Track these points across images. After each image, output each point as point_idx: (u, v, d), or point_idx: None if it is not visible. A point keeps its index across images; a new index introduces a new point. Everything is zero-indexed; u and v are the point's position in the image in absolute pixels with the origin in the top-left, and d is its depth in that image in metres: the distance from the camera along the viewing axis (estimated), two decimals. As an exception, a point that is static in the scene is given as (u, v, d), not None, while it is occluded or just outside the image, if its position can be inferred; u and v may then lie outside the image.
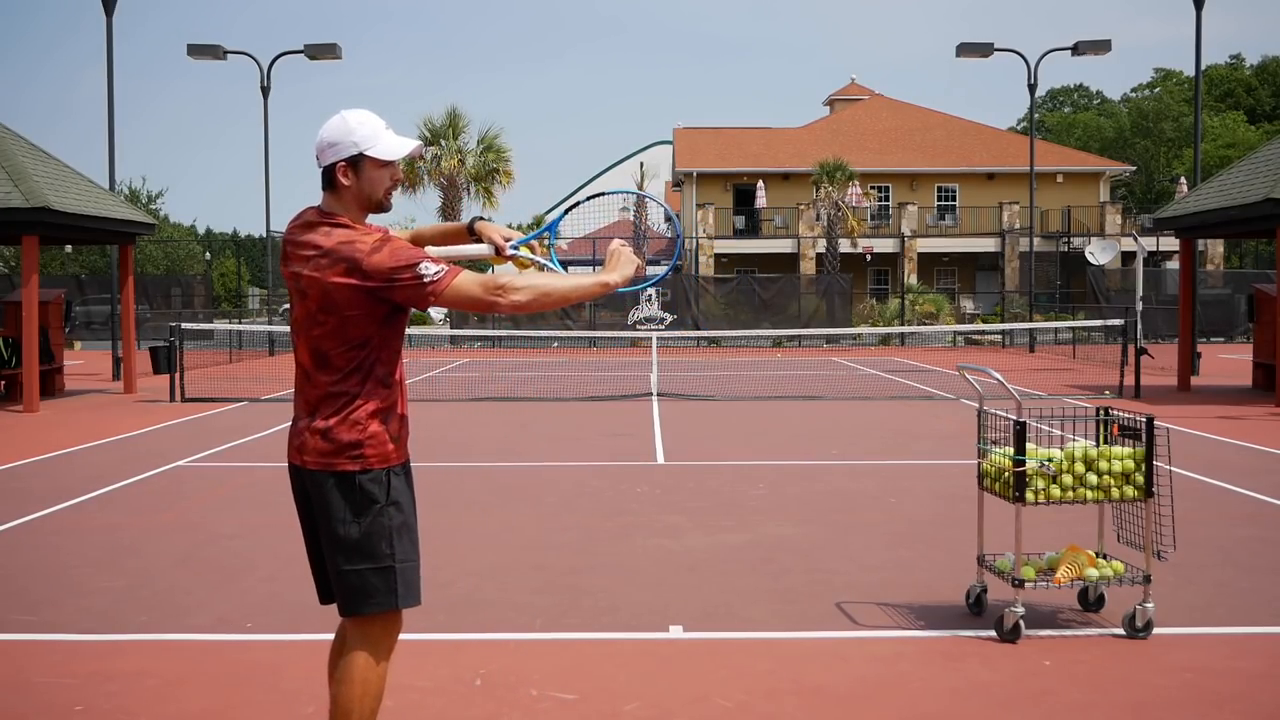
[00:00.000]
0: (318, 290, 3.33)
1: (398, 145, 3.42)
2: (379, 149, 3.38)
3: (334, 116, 3.42)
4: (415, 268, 3.27)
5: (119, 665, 5.10)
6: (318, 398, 3.41)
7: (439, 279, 3.27)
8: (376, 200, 3.44)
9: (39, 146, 17.94)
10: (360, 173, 3.39)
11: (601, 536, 7.71)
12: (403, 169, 3.73)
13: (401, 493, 3.46)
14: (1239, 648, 5.32)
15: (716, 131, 51.89)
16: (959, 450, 10.99)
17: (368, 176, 3.39)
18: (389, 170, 3.43)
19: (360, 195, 3.41)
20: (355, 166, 3.38)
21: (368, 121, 3.39)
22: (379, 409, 3.41)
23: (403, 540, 3.43)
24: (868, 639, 5.45)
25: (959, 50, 30.77)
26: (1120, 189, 62.21)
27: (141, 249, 51.32)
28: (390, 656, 3.52)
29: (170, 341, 18.12)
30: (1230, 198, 17.02)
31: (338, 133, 3.37)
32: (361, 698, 3.43)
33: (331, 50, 29.99)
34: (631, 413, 15.40)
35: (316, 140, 3.41)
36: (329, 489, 3.38)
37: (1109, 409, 5.72)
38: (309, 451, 3.41)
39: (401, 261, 3.27)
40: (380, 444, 3.40)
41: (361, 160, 3.38)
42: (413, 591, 3.46)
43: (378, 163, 3.40)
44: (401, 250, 3.30)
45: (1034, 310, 35.81)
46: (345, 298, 3.30)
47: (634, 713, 4.53)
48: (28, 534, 7.91)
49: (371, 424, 3.39)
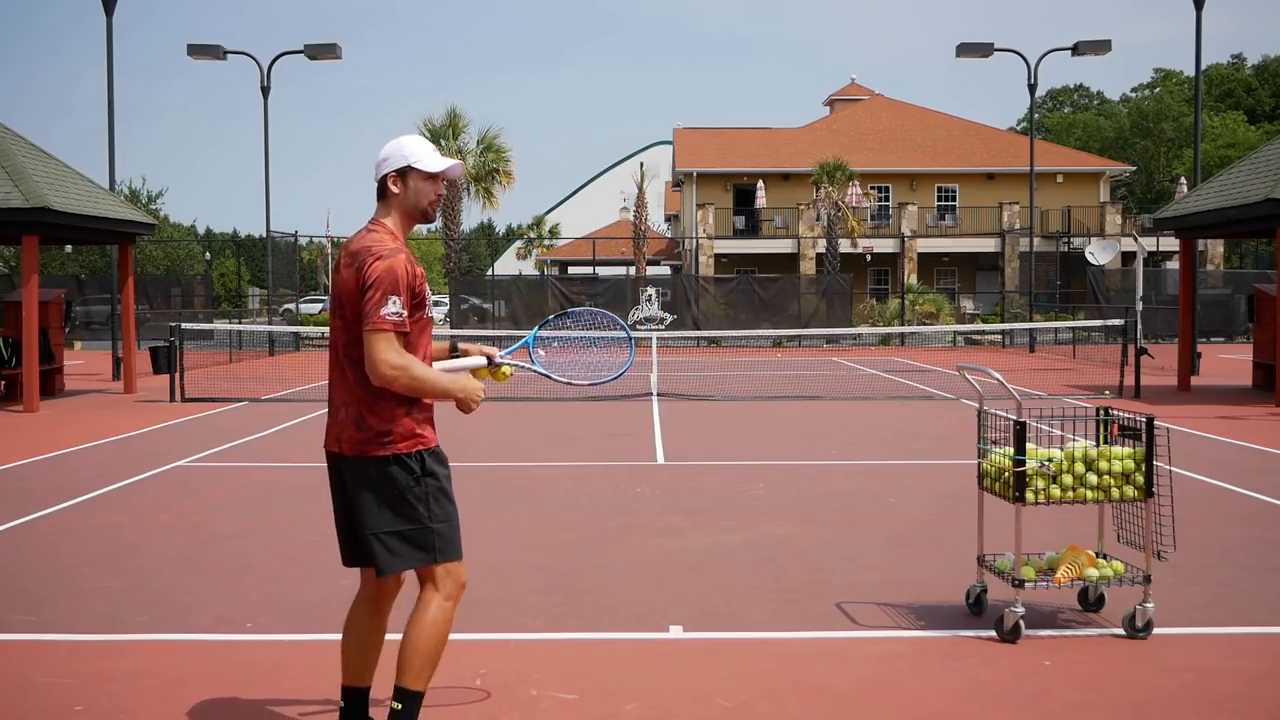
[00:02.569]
0: (341, 287, 3.83)
1: (439, 160, 3.92)
2: (424, 162, 3.88)
3: (390, 141, 3.95)
4: (387, 296, 3.69)
5: (119, 665, 5.10)
6: (348, 389, 3.84)
7: (385, 319, 3.68)
8: (421, 209, 3.92)
9: (39, 146, 17.94)
10: (408, 183, 3.89)
11: (601, 536, 7.71)
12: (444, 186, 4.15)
13: (434, 467, 3.87)
14: (1239, 648, 5.32)
15: (716, 131, 51.88)
16: (959, 450, 10.99)
17: (414, 187, 3.90)
18: (433, 185, 3.92)
19: (407, 203, 3.90)
20: (404, 177, 3.89)
21: (418, 142, 3.94)
22: (404, 400, 3.79)
23: (440, 503, 3.86)
24: (868, 639, 5.45)
25: (959, 50, 30.78)
26: (1120, 189, 62.22)
27: (141, 249, 51.31)
28: (458, 599, 3.93)
29: (170, 341, 18.12)
30: (1230, 198, 17.02)
31: (391, 150, 3.91)
32: (435, 639, 3.85)
33: (331, 50, 29.99)
34: (631, 413, 15.40)
35: (375, 160, 3.95)
36: (366, 471, 3.80)
37: (1109, 409, 5.72)
38: (345, 440, 3.84)
39: (384, 283, 3.70)
40: (408, 431, 3.80)
41: (409, 172, 3.89)
42: (452, 547, 3.87)
43: (423, 175, 3.90)
44: (395, 273, 3.71)
45: (1034, 310, 35.82)
46: (353, 294, 3.78)
47: (634, 713, 4.53)
48: (28, 534, 7.91)
49: (398, 412, 3.79)
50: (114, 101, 22.37)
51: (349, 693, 4.07)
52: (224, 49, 29.07)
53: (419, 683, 3.86)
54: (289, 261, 37.17)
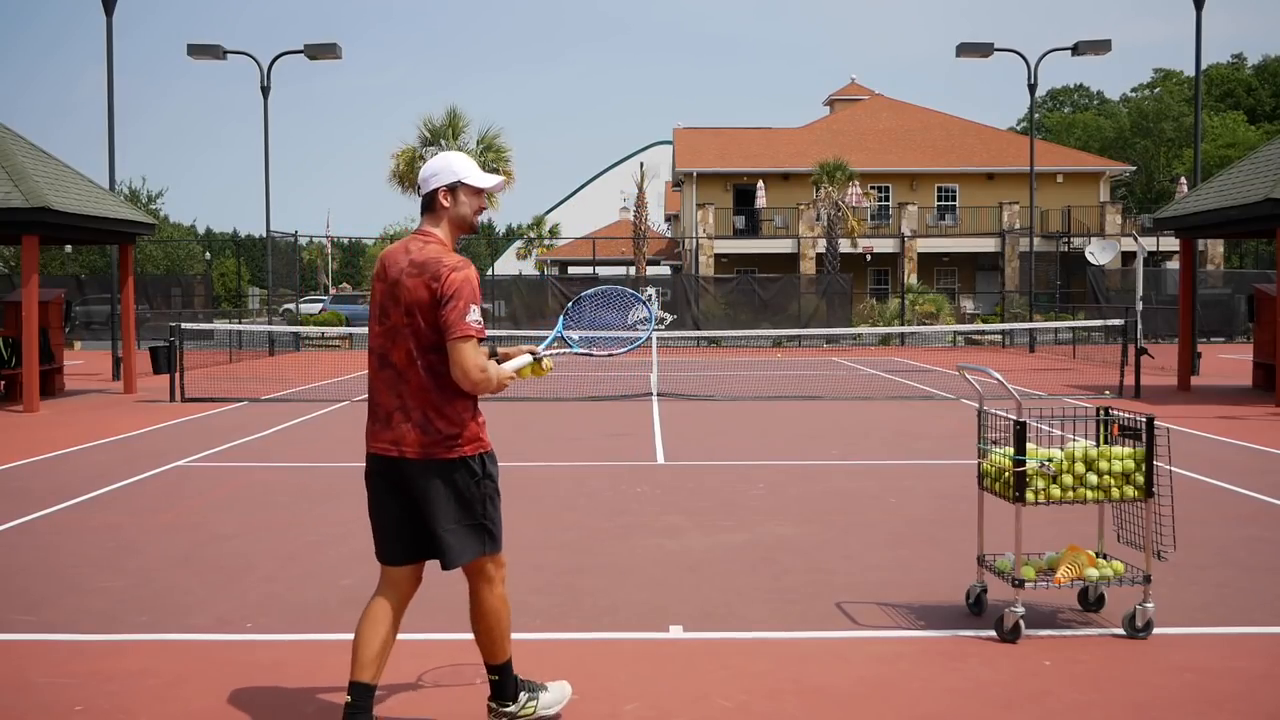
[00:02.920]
0: (408, 297, 4.01)
1: (486, 177, 4.20)
2: (473, 179, 4.15)
3: (436, 156, 4.25)
4: (470, 305, 3.96)
5: (119, 665, 5.10)
6: (413, 393, 4.03)
7: (471, 326, 3.94)
8: (469, 222, 4.19)
9: (39, 146, 17.94)
10: (457, 197, 4.15)
11: (601, 536, 7.71)
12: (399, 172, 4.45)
13: (491, 469, 4.16)
14: (1239, 648, 5.32)
15: (716, 131, 51.89)
16: (959, 450, 10.99)
17: (463, 201, 4.15)
18: (479, 198, 4.19)
19: (456, 216, 4.16)
20: (453, 192, 4.14)
21: (465, 159, 4.22)
22: (470, 404, 4.08)
23: (493, 506, 4.17)
24: (868, 639, 5.45)
25: (959, 50, 30.78)
26: (1120, 189, 62.21)
27: (141, 249, 51.31)
28: (503, 580, 4.27)
29: (170, 341, 18.12)
30: (1230, 198, 17.02)
31: (440, 165, 4.17)
32: (501, 618, 4.22)
33: (331, 50, 29.99)
34: (631, 413, 15.40)
35: (420, 174, 4.21)
36: (432, 473, 4.02)
37: (1109, 409, 5.72)
38: (409, 444, 4.02)
39: (465, 293, 3.96)
40: (473, 435, 4.07)
41: (459, 187, 4.14)
42: (498, 541, 4.20)
43: (471, 189, 4.16)
44: (472, 285, 3.99)
45: (1034, 310, 35.81)
46: (424, 304, 3.98)
47: (634, 713, 4.53)
48: (28, 534, 7.91)
49: (465, 417, 4.06)
50: (114, 101, 22.39)
51: (358, 688, 4.11)
52: (224, 49, 29.07)
53: (502, 655, 4.27)
54: (289, 261, 37.16)
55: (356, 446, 12.64)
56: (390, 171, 36.92)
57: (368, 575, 6.64)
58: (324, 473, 10.72)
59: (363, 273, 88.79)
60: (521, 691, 4.34)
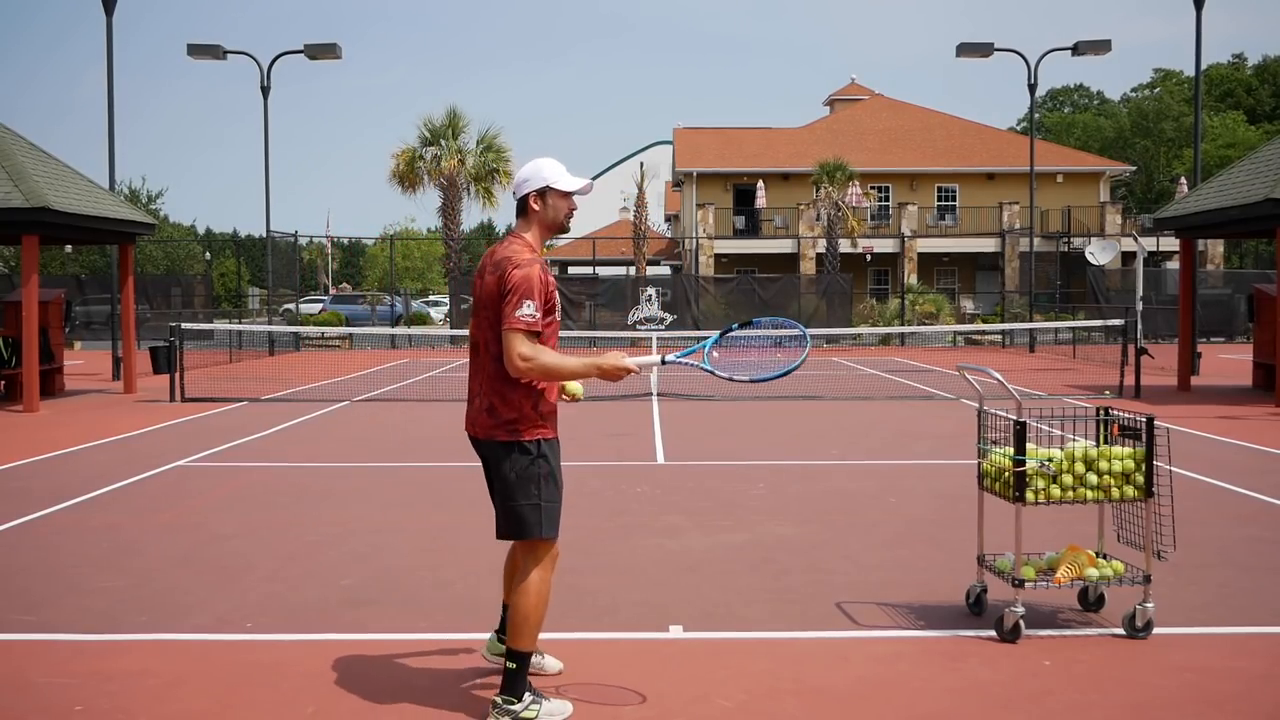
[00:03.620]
0: (486, 291, 4.41)
1: (574, 181, 4.52)
2: (562, 183, 4.49)
3: (529, 163, 4.54)
4: (523, 300, 4.26)
5: (119, 665, 5.10)
6: (484, 380, 4.44)
7: (520, 319, 4.25)
8: (559, 223, 4.54)
9: (39, 146, 17.94)
10: (547, 201, 4.49)
11: (601, 536, 7.71)
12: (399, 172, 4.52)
13: (549, 453, 4.42)
14: (1239, 648, 5.32)
15: (716, 131, 51.89)
16: (959, 450, 10.99)
17: (552, 204, 4.50)
18: (568, 201, 4.53)
19: (545, 218, 4.51)
20: (543, 196, 4.48)
21: (553, 164, 4.52)
22: (530, 393, 4.38)
23: (549, 486, 4.41)
24: (868, 639, 5.45)
25: (959, 50, 30.78)
26: (1120, 189, 62.20)
27: (141, 249, 51.31)
28: (552, 569, 4.51)
29: (170, 341, 18.12)
30: (1230, 198, 17.02)
31: (531, 172, 4.49)
32: (535, 605, 4.39)
33: (331, 50, 29.99)
34: (631, 413, 15.40)
35: (514, 179, 4.58)
36: (495, 453, 4.42)
37: (1109, 409, 5.72)
38: (479, 425, 4.44)
39: (521, 289, 4.27)
40: (531, 421, 4.38)
41: (548, 191, 4.48)
42: (553, 525, 4.43)
43: (560, 193, 4.50)
44: (531, 281, 4.28)
45: (1034, 310, 35.80)
46: (494, 298, 4.36)
47: (634, 713, 4.53)
48: (28, 534, 7.91)
49: (524, 404, 4.37)
50: (114, 101, 22.38)
51: (505, 607, 4.69)
52: (224, 49, 29.07)
53: (525, 643, 4.39)
54: (289, 261, 37.16)
55: (357, 446, 12.67)
56: (390, 171, 36.94)
57: (368, 575, 6.65)
58: (324, 473, 10.72)
59: (363, 273, 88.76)
60: (527, 693, 4.40)
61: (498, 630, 4.95)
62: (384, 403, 17.19)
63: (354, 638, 5.48)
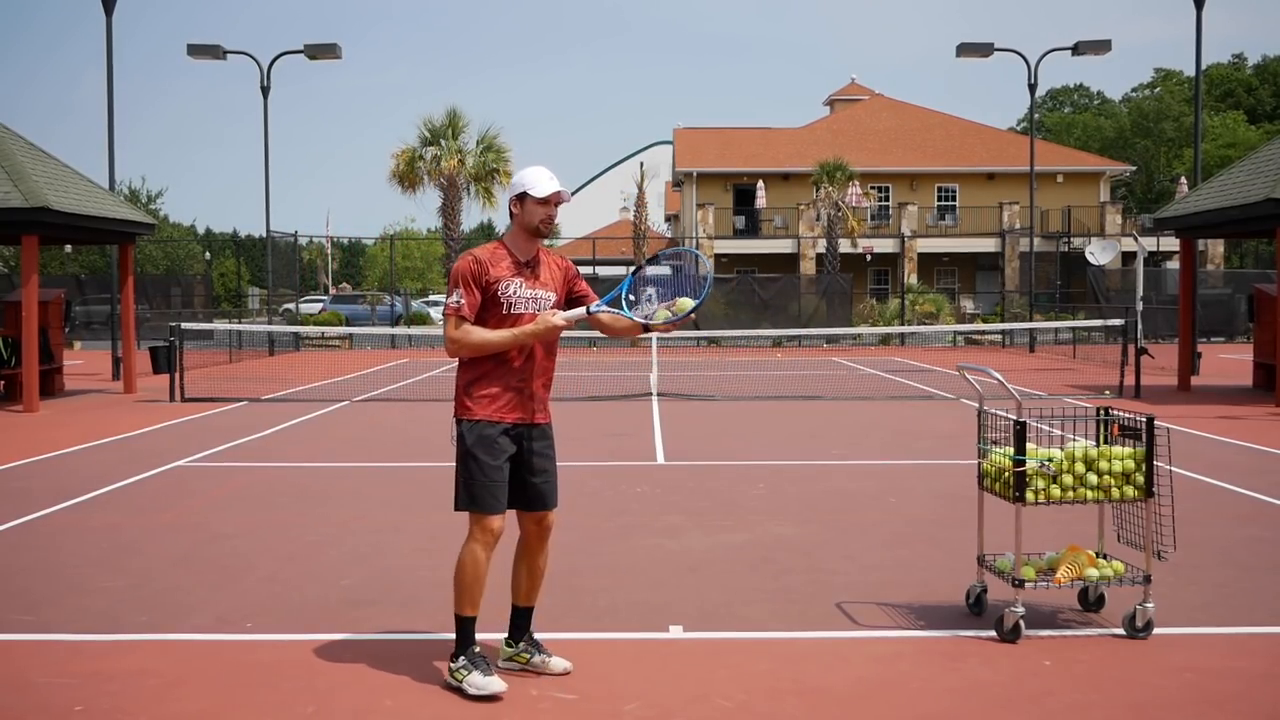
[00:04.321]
0: None
1: (547, 187, 4.75)
2: (536, 190, 4.74)
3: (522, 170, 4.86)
4: (452, 289, 4.75)
5: (119, 665, 5.10)
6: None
7: (448, 307, 4.74)
8: (534, 226, 4.79)
9: (39, 146, 17.93)
10: (524, 206, 4.78)
11: (601, 536, 7.71)
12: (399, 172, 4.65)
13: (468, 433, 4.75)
14: (1239, 648, 5.32)
15: (716, 131, 51.88)
16: (959, 450, 10.99)
17: (528, 209, 4.78)
18: (544, 207, 4.77)
19: (523, 222, 4.80)
20: (521, 202, 4.78)
21: (536, 173, 4.80)
22: (464, 375, 4.81)
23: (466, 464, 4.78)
24: (868, 639, 5.45)
25: (959, 50, 30.77)
26: (1120, 189, 62.20)
27: (141, 249, 51.30)
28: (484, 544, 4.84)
29: (170, 341, 18.12)
30: (1230, 198, 17.02)
31: (515, 180, 4.82)
32: (459, 574, 4.79)
33: (331, 50, 29.98)
34: (631, 413, 15.40)
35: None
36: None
37: (1109, 409, 5.72)
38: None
39: (451, 280, 4.79)
40: (461, 401, 4.79)
41: (525, 197, 4.76)
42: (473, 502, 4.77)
43: (535, 200, 4.76)
44: (455, 273, 4.75)
45: (1034, 310, 35.79)
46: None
47: (634, 713, 4.53)
48: (28, 534, 7.91)
49: (459, 385, 4.82)
50: (114, 101, 22.38)
51: (513, 610, 5.02)
52: (224, 49, 29.06)
53: (456, 608, 4.80)
54: (289, 261, 37.16)
55: (357, 446, 12.66)
56: (390, 171, 36.90)
57: (368, 575, 6.65)
58: (324, 473, 10.72)
59: (363, 273, 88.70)
60: (462, 656, 4.74)
61: (508, 636, 5.05)
62: (384, 403, 17.19)
63: (354, 638, 5.48)
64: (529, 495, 4.86)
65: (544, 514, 4.91)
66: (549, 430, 4.92)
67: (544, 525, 4.93)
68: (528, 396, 4.79)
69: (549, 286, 4.84)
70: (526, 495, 4.85)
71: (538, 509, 4.88)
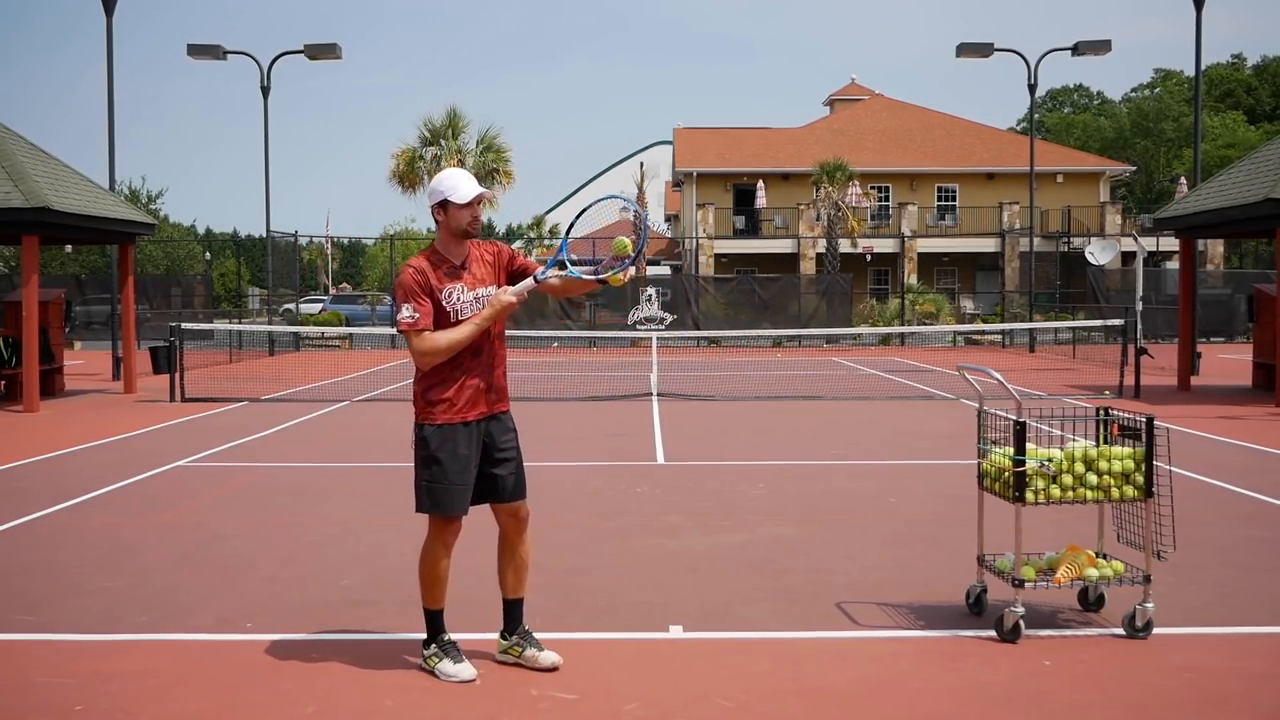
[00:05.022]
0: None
1: (468, 192, 4.82)
2: (456, 195, 4.82)
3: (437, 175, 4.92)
4: (401, 305, 4.76)
5: (119, 665, 5.10)
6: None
7: (401, 322, 4.75)
8: (462, 229, 4.86)
9: (39, 146, 17.93)
10: (447, 212, 4.85)
11: (601, 536, 7.71)
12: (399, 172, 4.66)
13: (429, 436, 4.82)
14: (1239, 648, 5.32)
15: (716, 131, 51.87)
16: (959, 450, 10.99)
17: (452, 214, 4.85)
18: (468, 210, 4.84)
19: (449, 227, 4.87)
20: (444, 208, 4.84)
21: (453, 177, 4.88)
22: (423, 381, 4.87)
23: (426, 468, 4.86)
24: (868, 639, 5.45)
25: (959, 50, 30.76)
26: (1120, 189, 62.20)
27: (141, 249, 51.30)
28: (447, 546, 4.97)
29: (170, 341, 18.12)
30: (1230, 198, 17.01)
31: (433, 185, 4.89)
32: (421, 571, 4.96)
33: (331, 50, 29.97)
34: (631, 413, 15.40)
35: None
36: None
37: (1109, 409, 5.72)
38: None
39: (397, 296, 4.80)
40: (420, 406, 4.87)
41: (447, 204, 4.83)
42: (434, 504, 4.86)
43: (457, 205, 4.83)
44: (399, 287, 4.80)
45: (1034, 310, 35.79)
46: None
47: (634, 713, 4.53)
48: (28, 534, 7.91)
49: (416, 391, 4.90)
50: (114, 101, 22.38)
51: (504, 603, 5.08)
52: (224, 49, 29.05)
53: (425, 601, 4.98)
54: (289, 261, 37.14)
55: (357, 446, 12.66)
56: (390, 171, 36.91)
57: (368, 575, 6.65)
58: (324, 473, 10.72)
59: (362, 273, 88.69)
60: (434, 644, 4.94)
61: (503, 630, 5.10)
62: (384, 403, 17.19)
63: (354, 638, 5.49)
64: (498, 487, 4.91)
65: (517, 505, 4.97)
66: (510, 420, 5.00)
67: (519, 516, 4.99)
68: (487, 389, 4.87)
69: (486, 282, 4.89)
70: (496, 487, 4.91)
71: (508, 500, 4.94)
